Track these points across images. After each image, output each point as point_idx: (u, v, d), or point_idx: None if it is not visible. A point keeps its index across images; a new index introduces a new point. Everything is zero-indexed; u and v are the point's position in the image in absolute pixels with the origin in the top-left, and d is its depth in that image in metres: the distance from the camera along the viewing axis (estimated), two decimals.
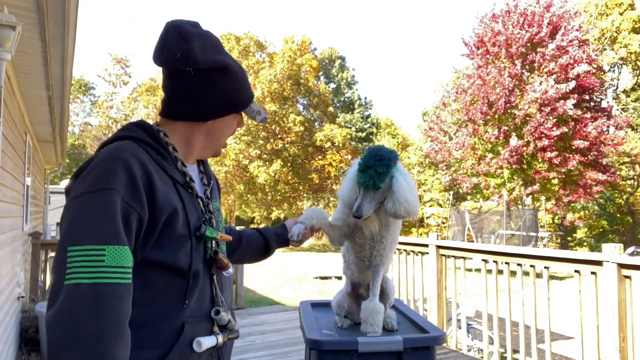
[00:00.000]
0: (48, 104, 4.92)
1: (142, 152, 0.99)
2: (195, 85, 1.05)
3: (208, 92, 1.06)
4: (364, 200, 1.52)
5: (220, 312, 1.07)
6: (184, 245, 1.01)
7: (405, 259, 4.86)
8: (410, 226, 27.42)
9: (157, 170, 0.99)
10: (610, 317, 2.89)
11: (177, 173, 1.05)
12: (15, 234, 4.51)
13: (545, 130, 15.03)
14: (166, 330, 0.98)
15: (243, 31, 25.95)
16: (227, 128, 1.15)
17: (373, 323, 1.66)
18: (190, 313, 1.02)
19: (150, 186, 0.95)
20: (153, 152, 1.02)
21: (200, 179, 1.19)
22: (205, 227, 1.06)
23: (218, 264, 1.10)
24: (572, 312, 3.27)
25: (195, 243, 1.03)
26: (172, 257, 0.98)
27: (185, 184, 1.07)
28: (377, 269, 1.72)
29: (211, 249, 1.08)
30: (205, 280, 1.07)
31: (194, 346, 1.00)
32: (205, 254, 1.07)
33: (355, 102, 35.22)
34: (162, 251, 0.97)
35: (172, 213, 0.98)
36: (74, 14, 2.85)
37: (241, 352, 3.93)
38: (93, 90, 36.08)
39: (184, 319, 1.00)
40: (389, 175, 1.51)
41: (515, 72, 15.71)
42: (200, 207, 1.10)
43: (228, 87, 1.08)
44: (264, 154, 22.46)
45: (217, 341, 1.05)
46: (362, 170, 1.52)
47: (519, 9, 16.09)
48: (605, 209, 21.77)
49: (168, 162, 1.04)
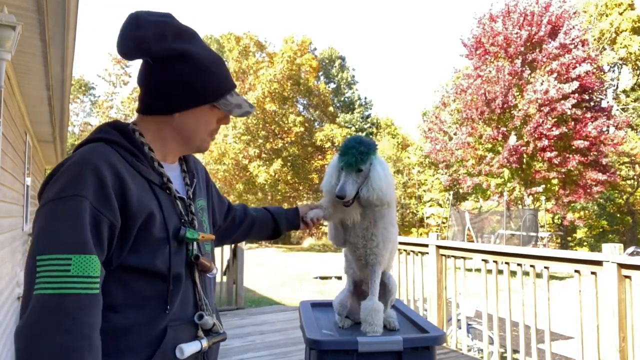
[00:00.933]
0: (48, 104, 4.92)
1: (115, 154, 0.95)
2: (155, 76, 1.01)
3: (168, 82, 1.00)
4: (346, 181, 1.52)
5: (204, 316, 1.04)
6: (162, 249, 0.98)
7: (405, 259, 4.86)
8: (410, 226, 27.41)
9: (130, 173, 0.95)
10: (610, 317, 2.89)
11: (153, 174, 1.01)
12: (15, 234, 4.51)
13: (545, 131, 15.03)
14: (148, 335, 0.95)
15: (243, 31, 25.94)
16: (201, 122, 1.06)
17: (372, 322, 1.66)
18: (173, 317, 0.99)
19: (123, 190, 0.91)
20: (127, 154, 0.98)
21: (183, 178, 1.14)
22: (185, 229, 1.02)
23: (200, 267, 1.06)
24: (572, 312, 3.27)
25: (175, 246, 1.00)
26: (149, 261, 0.95)
27: (162, 185, 1.02)
28: (374, 268, 1.72)
29: (192, 252, 1.04)
30: (188, 283, 1.04)
31: (177, 353, 0.97)
32: (187, 257, 1.03)
33: (355, 102, 35.22)
34: (139, 256, 0.94)
35: (147, 217, 0.94)
36: (74, 14, 2.85)
37: (241, 352, 3.93)
38: (93, 90, 36.08)
39: (166, 323, 0.97)
40: (369, 157, 1.52)
41: (515, 69, 15.71)
42: (180, 209, 1.05)
43: (191, 76, 1.01)
44: (263, 154, 22.46)
45: (202, 346, 1.02)
46: (343, 152, 1.53)
47: (519, 9, 16.10)
48: (605, 209, 21.77)
49: (143, 163, 1.00)
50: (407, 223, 27.82)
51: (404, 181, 27.60)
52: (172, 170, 1.10)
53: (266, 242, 26.05)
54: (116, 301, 0.92)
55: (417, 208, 27.39)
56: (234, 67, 23.73)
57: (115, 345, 0.90)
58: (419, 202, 27.39)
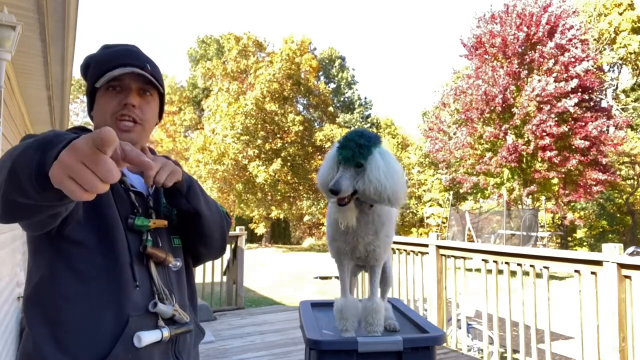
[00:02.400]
0: (48, 104, 4.92)
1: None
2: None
3: (87, 88, 1.17)
4: (343, 175, 1.41)
5: (157, 304, 1.04)
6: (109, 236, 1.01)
7: (405, 259, 4.85)
8: (410, 226, 27.41)
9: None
10: (610, 317, 2.89)
11: None
12: (15, 234, 4.51)
13: (547, 129, 15.02)
14: (109, 324, 0.97)
15: (243, 31, 25.93)
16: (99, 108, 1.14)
17: (373, 322, 1.66)
18: (134, 307, 1.00)
19: None
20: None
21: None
22: (134, 218, 1.05)
23: (153, 258, 1.06)
24: (572, 312, 3.27)
25: (127, 234, 1.03)
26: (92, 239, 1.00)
27: (121, 184, 1.09)
28: (374, 270, 1.71)
29: (146, 240, 1.06)
30: (144, 273, 1.05)
31: (134, 341, 0.98)
32: (139, 247, 1.05)
33: (355, 102, 35.21)
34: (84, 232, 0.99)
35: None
36: (74, 14, 2.85)
37: (241, 352, 3.93)
38: None
39: (127, 312, 0.99)
40: (370, 151, 1.41)
41: (513, 70, 15.72)
42: (134, 200, 1.08)
43: (88, 74, 1.16)
44: (262, 154, 22.45)
45: (162, 335, 1.02)
46: (342, 146, 1.43)
47: (517, 10, 16.11)
48: (605, 209, 21.77)
49: None
50: (407, 223, 27.81)
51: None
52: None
53: (266, 242, 26.06)
54: (74, 291, 0.96)
55: (417, 208, 27.39)
56: (233, 67, 23.74)
57: (74, 338, 0.93)
58: (419, 202, 27.39)
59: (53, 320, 0.95)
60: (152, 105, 1.19)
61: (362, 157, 1.40)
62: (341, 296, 1.74)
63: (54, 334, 0.96)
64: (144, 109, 1.15)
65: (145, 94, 1.16)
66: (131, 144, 0.96)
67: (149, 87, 1.17)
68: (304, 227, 28.63)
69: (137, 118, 1.13)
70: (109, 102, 1.12)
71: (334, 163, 1.49)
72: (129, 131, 1.12)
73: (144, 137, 1.18)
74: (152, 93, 1.19)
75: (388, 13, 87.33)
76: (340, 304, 1.71)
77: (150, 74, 1.14)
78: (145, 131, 1.17)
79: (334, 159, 1.49)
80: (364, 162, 1.41)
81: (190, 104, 29.26)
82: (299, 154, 22.95)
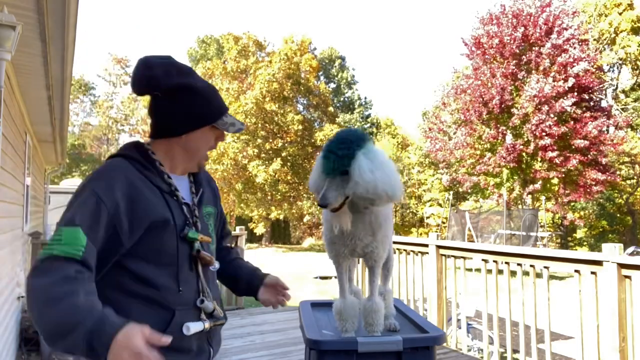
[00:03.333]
0: (48, 104, 4.92)
1: (130, 167, 1.22)
2: (164, 106, 1.25)
3: (175, 110, 1.24)
4: (329, 188, 1.42)
5: (204, 301, 1.25)
6: (171, 245, 1.21)
7: (405, 259, 4.85)
8: (410, 226, 27.41)
9: (143, 181, 1.21)
10: (610, 317, 2.89)
11: (162, 183, 1.25)
12: (16, 234, 4.51)
13: (547, 129, 15.01)
14: (158, 316, 1.17)
15: (243, 31, 25.93)
16: (203, 141, 1.30)
17: (372, 322, 1.65)
18: (180, 301, 1.20)
19: (132, 194, 1.17)
20: (140, 166, 1.23)
21: (190, 187, 1.37)
22: (188, 230, 1.25)
23: (202, 261, 1.27)
24: (572, 312, 3.27)
25: (181, 243, 1.23)
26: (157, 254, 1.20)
27: (170, 193, 1.26)
28: (373, 270, 1.71)
29: (195, 248, 1.26)
30: (192, 274, 1.25)
31: (183, 330, 1.18)
32: (191, 252, 1.25)
33: (355, 102, 35.21)
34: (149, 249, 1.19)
35: (161, 220, 1.19)
36: (74, 14, 2.85)
37: (241, 352, 3.93)
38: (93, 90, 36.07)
39: (174, 307, 1.19)
40: (352, 155, 1.40)
41: (510, 71, 15.72)
42: (186, 213, 1.28)
43: (193, 104, 1.25)
44: (262, 153, 22.44)
45: (204, 326, 1.23)
46: (324, 156, 1.44)
47: (513, 10, 16.12)
48: (605, 209, 21.76)
49: (153, 174, 1.24)
50: (407, 223, 27.81)
51: (404, 181, 27.59)
52: (181, 180, 1.33)
53: (266, 242, 26.07)
54: (134, 289, 1.17)
55: (417, 208, 27.38)
56: (233, 66, 23.73)
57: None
58: (419, 202, 27.38)
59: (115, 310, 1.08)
60: None
61: (344, 166, 1.41)
62: (340, 297, 1.74)
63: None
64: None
65: None
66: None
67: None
68: (304, 227, 28.64)
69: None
70: (211, 139, 1.33)
71: (322, 171, 1.48)
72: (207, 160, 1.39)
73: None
74: None
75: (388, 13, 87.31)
76: (339, 305, 1.70)
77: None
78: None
79: (320, 162, 1.50)
80: (349, 169, 1.41)
81: None
82: (299, 153, 22.95)
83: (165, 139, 1.28)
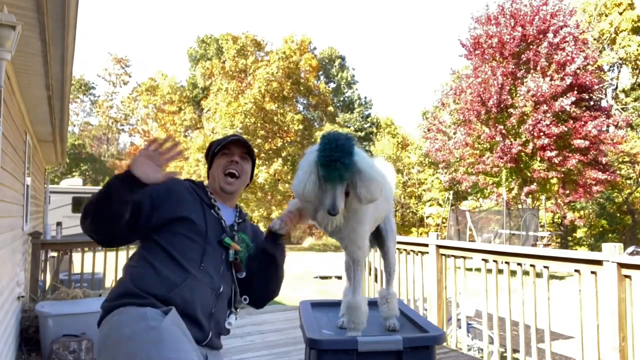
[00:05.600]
0: (48, 104, 4.92)
1: (191, 184, 1.70)
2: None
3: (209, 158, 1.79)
4: (336, 196, 1.43)
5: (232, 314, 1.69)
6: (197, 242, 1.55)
7: (405, 259, 4.85)
8: (410, 226, 27.40)
9: (192, 195, 1.63)
10: (610, 316, 2.89)
11: (205, 197, 1.66)
12: (15, 234, 4.51)
13: (544, 128, 15.00)
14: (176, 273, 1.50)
15: (242, 31, 25.91)
16: (215, 166, 1.73)
17: (350, 320, 1.65)
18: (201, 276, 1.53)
19: (177, 193, 1.60)
20: (196, 187, 1.69)
21: (235, 218, 1.72)
22: (225, 235, 1.59)
23: (236, 267, 1.60)
24: (572, 312, 3.26)
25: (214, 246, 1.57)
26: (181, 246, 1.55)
27: (210, 205, 1.64)
28: (355, 268, 1.71)
29: (231, 255, 1.59)
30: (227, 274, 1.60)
31: (226, 325, 1.64)
32: (227, 257, 1.59)
33: (355, 101, 35.19)
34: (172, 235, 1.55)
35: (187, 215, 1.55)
36: (74, 14, 2.85)
37: (241, 352, 3.93)
38: (93, 90, 36.06)
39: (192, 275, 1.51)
40: (355, 164, 1.44)
41: (510, 70, 15.71)
42: (224, 226, 1.63)
43: (210, 152, 1.77)
44: (262, 153, 22.44)
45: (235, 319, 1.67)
46: (326, 164, 1.42)
47: (511, 9, 16.11)
48: (605, 209, 21.75)
49: (202, 192, 1.68)
50: (407, 223, 27.81)
51: (404, 181, 27.58)
52: (228, 210, 1.72)
53: None
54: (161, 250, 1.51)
55: (417, 208, 27.37)
56: (232, 66, 23.71)
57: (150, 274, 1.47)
58: (418, 202, 27.37)
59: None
60: (248, 167, 1.76)
61: (351, 173, 1.43)
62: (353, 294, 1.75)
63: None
64: (243, 166, 1.73)
65: (244, 158, 1.74)
66: (232, 191, 1.73)
67: (246, 155, 1.75)
68: (304, 227, 28.63)
69: (238, 172, 1.71)
70: (221, 161, 1.71)
71: (313, 173, 1.48)
72: (231, 185, 1.71)
73: (241, 188, 1.76)
74: (248, 159, 1.76)
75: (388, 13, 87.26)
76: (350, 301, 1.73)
77: (247, 145, 1.76)
78: (242, 184, 1.75)
79: (310, 167, 1.48)
80: (353, 175, 1.45)
81: (190, 104, 29.23)
82: (299, 153, 22.94)
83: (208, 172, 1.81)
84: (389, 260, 1.91)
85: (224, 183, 1.68)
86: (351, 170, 1.43)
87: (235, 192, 1.73)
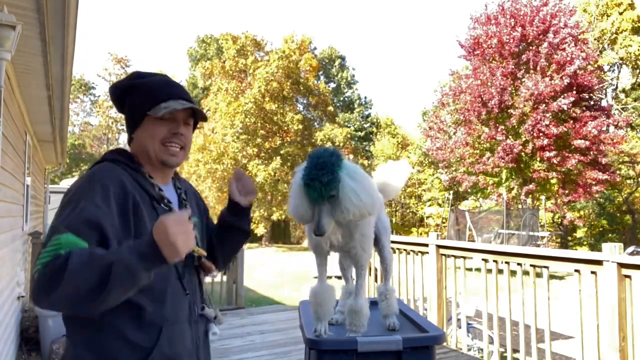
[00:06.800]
0: (48, 104, 4.92)
1: (121, 170, 1.23)
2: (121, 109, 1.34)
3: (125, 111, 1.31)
4: (321, 215, 1.41)
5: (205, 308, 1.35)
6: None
7: (405, 259, 4.85)
8: (410, 226, 27.39)
9: (135, 187, 1.21)
10: (610, 316, 2.89)
11: (150, 187, 1.26)
12: (16, 234, 4.51)
13: (544, 129, 15.00)
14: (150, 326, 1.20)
15: (242, 31, 25.91)
16: (148, 133, 1.27)
17: (352, 322, 1.66)
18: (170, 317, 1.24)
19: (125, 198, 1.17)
20: (131, 170, 1.25)
21: (179, 195, 1.38)
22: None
23: (205, 269, 1.36)
24: (572, 312, 3.26)
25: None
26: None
27: (158, 199, 1.26)
28: (359, 272, 1.72)
29: (198, 257, 1.32)
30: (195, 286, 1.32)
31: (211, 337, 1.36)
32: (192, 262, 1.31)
33: (355, 101, 35.18)
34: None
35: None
36: (74, 14, 2.85)
37: (241, 352, 3.93)
38: (93, 90, 36.04)
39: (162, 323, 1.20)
40: (336, 179, 1.40)
41: (509, 70, 15.71)
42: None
43: (132, 102, 1.29)
44: (262, 153, 22.43)
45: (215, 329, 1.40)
46: (307, 184, 1.41)
47: (511, 9, 16.10)
48: (605, 209, 21.74)
49: (143, 179, 1.26)
50: (407, 223, 27.79)
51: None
52: (169, 189, 1.35)
53: (266, 241, 26.03)
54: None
55: (417, 208, 27.36)
56: (232, 65, 23.70)
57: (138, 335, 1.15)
58: (418, 202, 27.36)
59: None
60: (191, 132, 1.38)
61: (331, 191, 1.40)
62: (317, 283, 1.73)
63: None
64: (187, 136, 1.34)
65: (188, 123, 1.34)
66: (176, 165, 1.33)
67: (190, 118, 1.35)
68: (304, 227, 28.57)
69: (182, 144, 1.32)
70: (159, 129, 1.27)
71: (304, 197, 1.47)
72: (175, 155, 1.30)
73: (184, 159, 1.40)
74: (190, 123, 1.36)
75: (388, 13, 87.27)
76: (316, 288, 1.70)
77: (195, 107, 1.32)
78: (186, 154, 1.36)
79: (301, 193, 1.47)
80: (335, 193, 1.42)
81: None
82: (299, 153, 22.93)
83: (130, 145, 1.31)
84: (385, 257, 1.93)
85: (166, 155, 1.28)
86: (333, 188, 1.40)
87: (180, 163, 1.37)
